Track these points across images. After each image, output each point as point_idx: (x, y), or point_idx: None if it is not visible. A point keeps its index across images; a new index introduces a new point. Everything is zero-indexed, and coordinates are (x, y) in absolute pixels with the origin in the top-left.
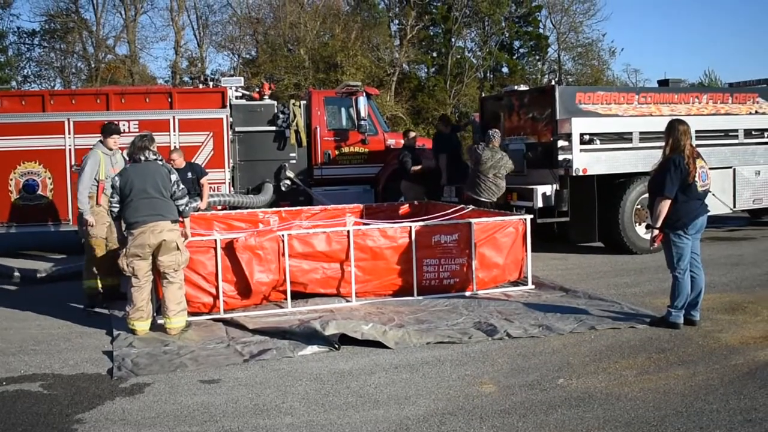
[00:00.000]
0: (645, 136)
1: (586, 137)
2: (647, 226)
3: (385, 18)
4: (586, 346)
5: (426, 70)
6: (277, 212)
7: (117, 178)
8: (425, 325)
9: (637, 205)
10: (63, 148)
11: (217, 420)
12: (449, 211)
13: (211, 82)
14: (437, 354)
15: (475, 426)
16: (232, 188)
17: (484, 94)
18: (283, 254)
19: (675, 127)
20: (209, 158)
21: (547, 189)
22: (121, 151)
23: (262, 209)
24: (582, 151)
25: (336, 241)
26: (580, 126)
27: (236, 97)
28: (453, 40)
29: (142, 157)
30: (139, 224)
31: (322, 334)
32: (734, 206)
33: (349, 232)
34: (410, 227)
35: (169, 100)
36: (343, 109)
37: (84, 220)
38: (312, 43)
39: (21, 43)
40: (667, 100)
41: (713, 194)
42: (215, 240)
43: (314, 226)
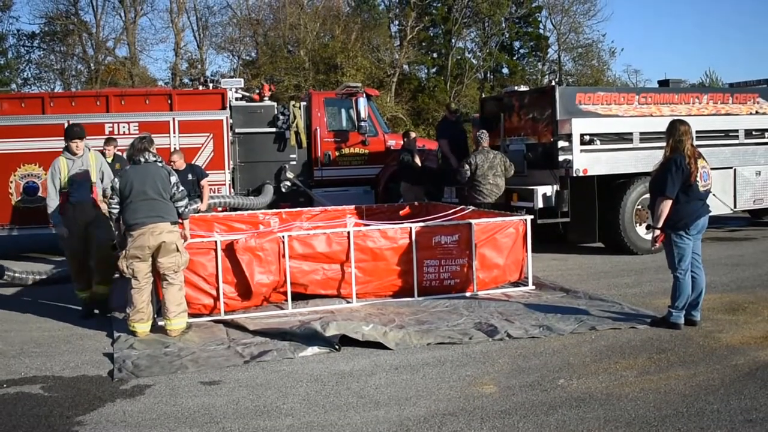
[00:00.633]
0: (645, 137)
1: (587, 138)
2: (648, 227)
3: (385, 19)
4: (586, 346)
5: (426, 71)
6: (277, 213)
7: (117, 180)
8: (426, 326)
9: (638, 205)
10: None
11: (217, 421)
12: (449, 212)
13: (211, 84)
14: (438, 355)
15: (476, 427)
16: (232, 190)
17: (485, 94)
18: (284, 255)
19: (676, 127)
20: (209, 160)
21: (548, 190)
22: (107, 154)
23: (263, 211)
24: (582, 151)
25: (336, 242)
26: (580, 126)
27: (236, 99)
28: (453, 40)
29: (142, 159)
30: (139, 226)
31: (323, 335)
32: (735, 206)
33: (349, 233)
34: (410, 228)
35: (169, 102)
36: (344, 111)
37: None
38: (312, 45)
39: (21, 45)
40: (668, 101)
41: (714, 194)
42: (215, 241)
43: (314, 228)
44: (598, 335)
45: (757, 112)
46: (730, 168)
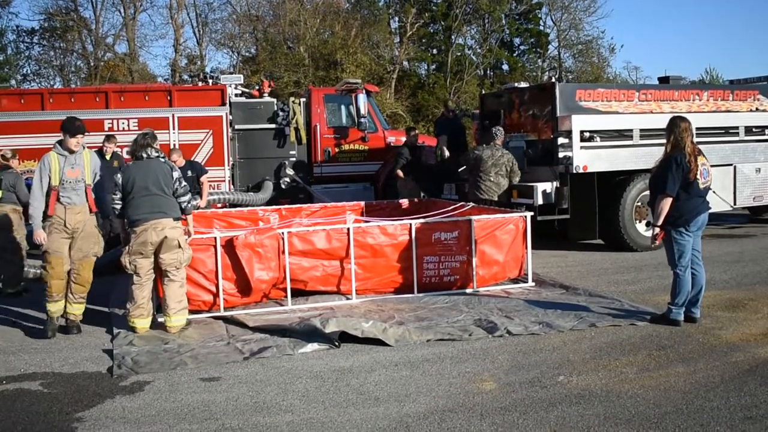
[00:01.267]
0: (645, 134)
1: (587, 134)
2: (648, 224)
3: (385, 15)
4: (586, 343)
5: (426, 67)
6: (277, 210)
7: (119, 176)
8: (425, 323)
9: (638, 202)
10: None
11: (217, 418)
12: (449, 209)
13: (211, 80)
14: (437, 351)
15: (476, 423)
16: (231, 186)
17: (485, 91)
18: (283, 252)
19: (676, 124)
20: (209, 156)
21: (548, 186)
22: (107, 151)
23: (262, 207)
24: (582, 148)
25: (336, 238)
26: (580, 123)
27: (236, 95)
28: (453, 37)
29: (144, 155)
30: (141, 222)
31: (323, 331)
32: (735, 203)
33: (349, 229)
34: (410, 224)
35: (169, 98)
36: (343, 107)
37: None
38: (312, 41)
39: (20, 41)
40: (668, 98)
41: (714, 192)
42: (215, 238)
43: (314, 224)
44: (598, 332)
45: (758, 109)
46: (730, 165)
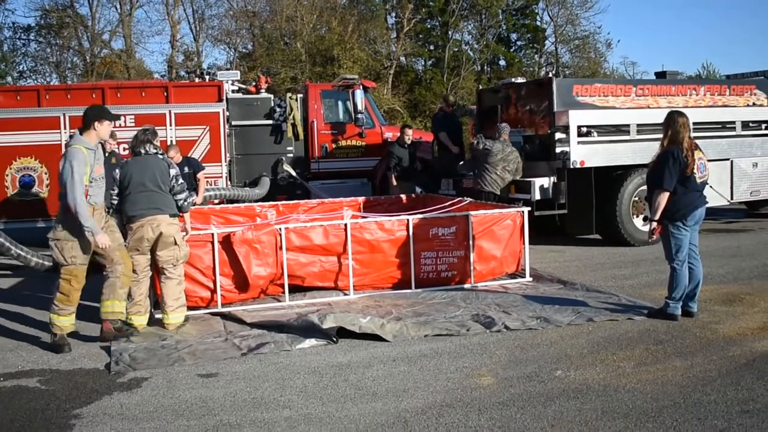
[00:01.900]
0: (642, 129)
1: (584, 129)
2: (645, 219)
3: (381, 11)
4: (583, 337)
5: (423, 63)
6: (274, 206)
7: (117, 171)
8: (423, 318)
9: (635, 197)
10: (59, 143)
11: (215, 414)
12: (447, 204)
13: (208, 76)
14: (435, 346)
15: (474, 418)
16: (228, 182)
17: (482, 87)
18: (281, 248)
19: (674, 119)
20: (206, 152)
21: (545, 181)
22: (108, 148)
23: (260, 203)
24: (579, 143)
25: (333, 234)
26: (577, 118)
27: (233, 91)
28: (450, 32)
29: (142, 151)
30: (137, 218)
31: (320, 327)
32: (732, 198)
33: (346, 225)
34: (408, 220)
35: (165, 95)
36: (340, 103)
37: (85, 239)
38: (309, 37)
39: (16, 38)
40: (665, 93)
41: (711, 186)
42: (212, 234)
43: (311, 220)
44: (596, 326)
45: (754, 104)
46: (727, 160)
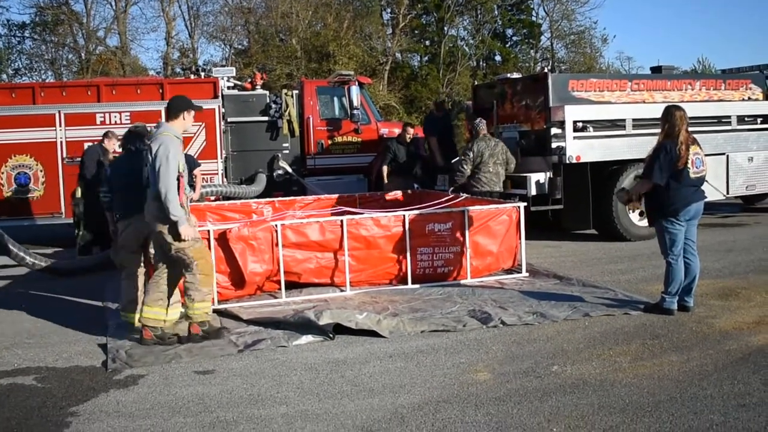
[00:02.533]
0: (638, 123)
1: (580, 124)
2: (641, 213)
3: (377, 7)
4: (580, 332)
5: (419, 58)
6: (270, 202)
7: (108, 169)
8: (419, 314)
9: None
10: (54, 140)
11: (211, 410)
12: (443, 200)
13: (203, 73)
14: (432, 342)
15: (470, 413)
16: (224, 179)
17: (477, 82)
18: (277, 244)
19: (671, 113)
20: (201, 149)
21: (541, 177)
22: (108, 147)
23: (256, 200)
24: (575, 138)
25: (329, 230)
26: (573, 113)
27: (228, 88)
28: (446, 28)
29: (133, 148)
30: (128, 216)
31: (317, 323)
32: (727, 192)
33: (342, 221)
34: (404, 216)
35: (161, 91)
36: (336, 99)
37: (175, 231)
38: (304, 33)
39: (11, 35)
40: (660, 87)
41: (707, 181)
42: (208, 230)
43: (308, 216)
44: (592, 321)
45: (750, 98)
46: (723, 154)
